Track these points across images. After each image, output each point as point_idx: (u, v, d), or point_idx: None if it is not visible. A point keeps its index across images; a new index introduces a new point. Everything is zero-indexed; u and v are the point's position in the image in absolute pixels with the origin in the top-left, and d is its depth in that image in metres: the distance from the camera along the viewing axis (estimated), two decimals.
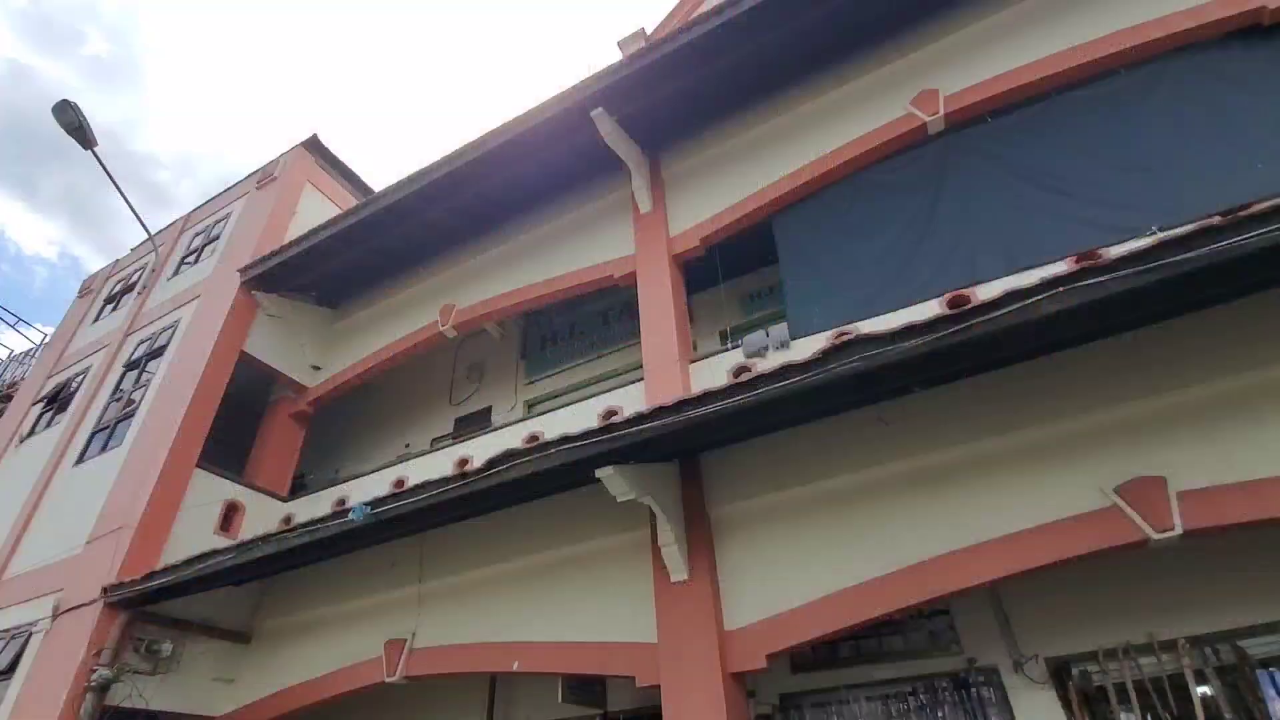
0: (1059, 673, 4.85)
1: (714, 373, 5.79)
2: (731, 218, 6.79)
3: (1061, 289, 3.38)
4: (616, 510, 5.13)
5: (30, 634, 7.13)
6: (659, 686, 4.81)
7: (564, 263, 7.89)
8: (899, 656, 5.53)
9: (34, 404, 11.13)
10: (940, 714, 5.19)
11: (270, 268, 9.24)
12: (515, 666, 5.66)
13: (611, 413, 5.94)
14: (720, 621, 4.87)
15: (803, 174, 6.58)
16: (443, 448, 7.99)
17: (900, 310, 5.25)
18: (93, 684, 6.23)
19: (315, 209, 10.72)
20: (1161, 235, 3.31)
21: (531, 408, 9.06)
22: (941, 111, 6.10)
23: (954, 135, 6.19)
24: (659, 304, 6.63)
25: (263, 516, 8.25)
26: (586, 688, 6.25)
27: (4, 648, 7.24)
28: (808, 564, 4.80)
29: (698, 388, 4.31)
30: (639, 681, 4.99)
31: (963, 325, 3.57)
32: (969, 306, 3.62)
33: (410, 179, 8.31)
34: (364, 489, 7.69)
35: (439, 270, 9.25)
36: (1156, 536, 3.80)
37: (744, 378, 4.05)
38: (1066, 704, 4.69)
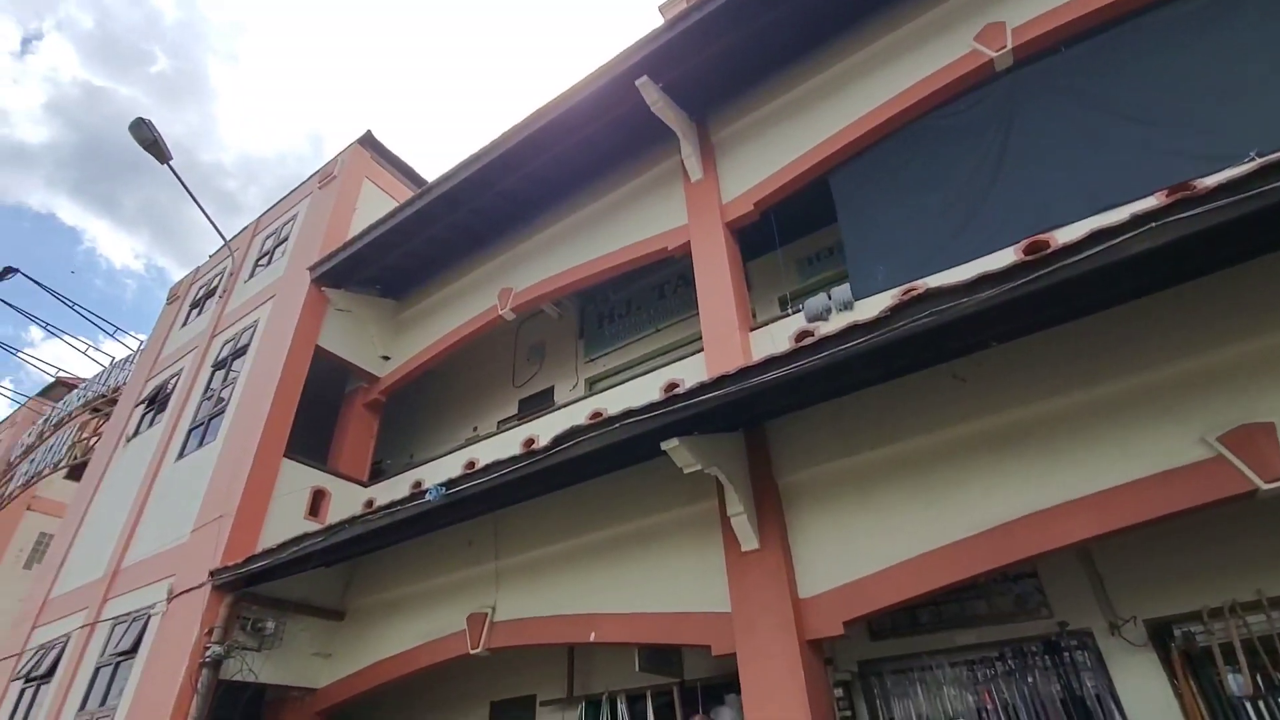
0: (1159, 634, 4.60)
1: (775, 340, 5.66)
2: (785, 179, 6.58)
3: (1153, 224, 3.12)
4: (684, 482, 5.13)
5: (149, 616, 7.77)
6: (735, 655, 4.83)
7: (617, 238, 7.86)
8: (983, 621, 5.36)
9: (136, 406, 12.00)
10: (1030, 679, 5.01)
11: (336, 264, 9.60)
12: (592, 637, 5.78)
13: (673, 385, 5.91)
14: (794, 589, 4.82)
15: (858, 126, 6.29)
16: (509, 429, 8.17)
17: (971, 262, 4.99)
18: (207, 660, 6.75)
19: (374, 204, 11.03)
20: (1263, 160, 2.99)
21: (593, 385, 9.14)
22: (1009, 45, 5.70)
23: (1022, 71, 5.78)
24: (715, 273, 6.53)
25: (347, 501, 8.67)
26: (663, 657, 6.34)
27: (128, 629, 7.92)
28: (883, 529, 4.68)
29: (759, 356, 4.22)
30: (714, 650, 5.02)
31: (1044, 271, 3.35)
32: (1049, 251, 3.39)
33: (460, 167, 8.43)
34: (437, 472, 7.95)
35: (495, 255, 9.38)
36: (1266, 486, 3.51)
37: (807, 342, 3.94)
38: (1168, 666, 4.45)
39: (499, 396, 10.23)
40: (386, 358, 10.21)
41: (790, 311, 6.03)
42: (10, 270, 15.30)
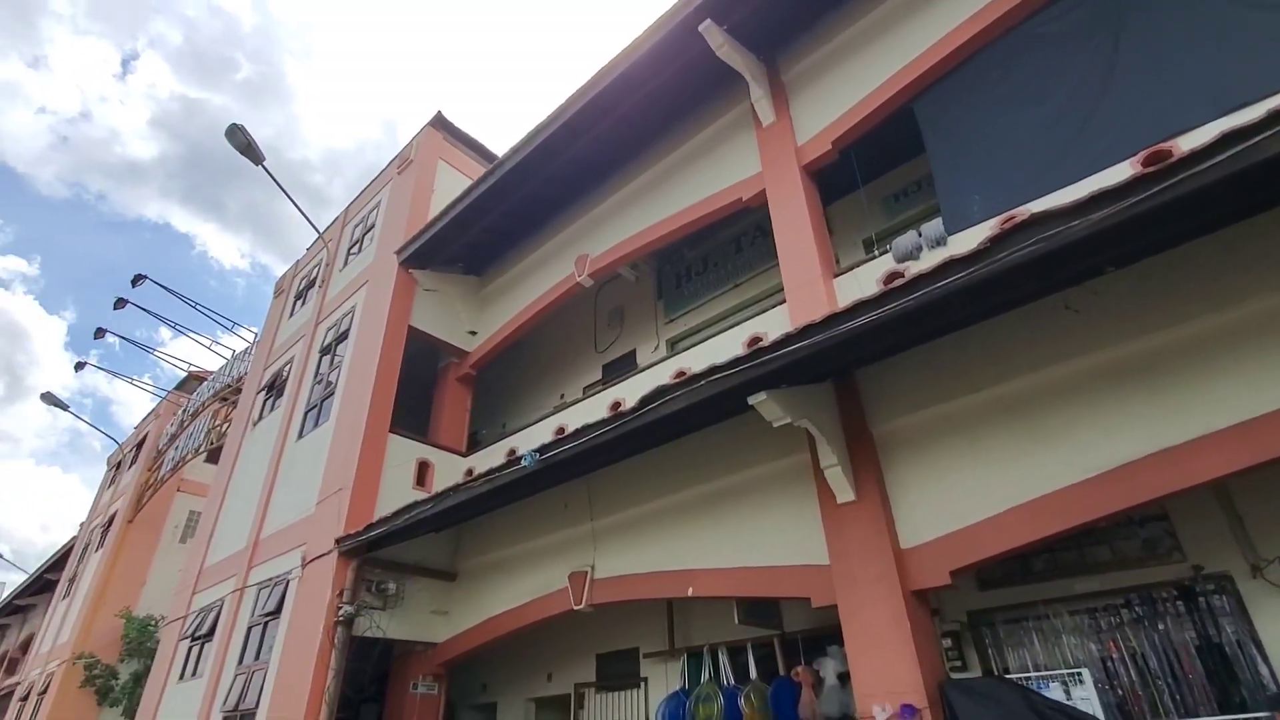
0: None
1: (861, 284, 5.41)
2: (864, 112, 6.18)
3: None
4: (774, 435, 5.05)
5: (288, 581, 8.56)
6: (836, 606, 4.78)
7: (689, 194, 7.69)
8: (1106, 568, 5.05)
9: (257, 393, 13.07)
10: (1161, 627, 4.71)
11: (419, 246, 9.96)
12: (690, 592, 5.88)
13: (756, 340, 5.78)
14: (895, 540, 4.70)
15: (944, 45, 5.78)
16: (594, 394, 8.31)
17: (1079, 183, 4.54)
18: (340, 618, 7.38)
19: (451, 183, 11.30)
20: None
21: (674, 346, 9.11)
22: None
23: None
24: (793, 220, 6.28)
25: (448, 471, 9.14)
26: (762, 610, 6.37)
27: (271, 593, 8.77)
28: (990, 475, 4.45)
29: (845, 302, 4.04)
30: (814, 602, 4.99)
31: (1168, 184, 3.00)
32: (1172, 161, 3.03)
33: (528, 138, 8.46)
34: (529, 439, 8.22)
35: (569, 222, 9.44)
36: None
37: (898, 283, 3.73)
38: None
39: (583, 363, 10.41)
40: (473, 333, 10.57)
41: (877, 253, 5.73)
42: (140, 278, 16.86)
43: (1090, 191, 3.15)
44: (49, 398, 18.41)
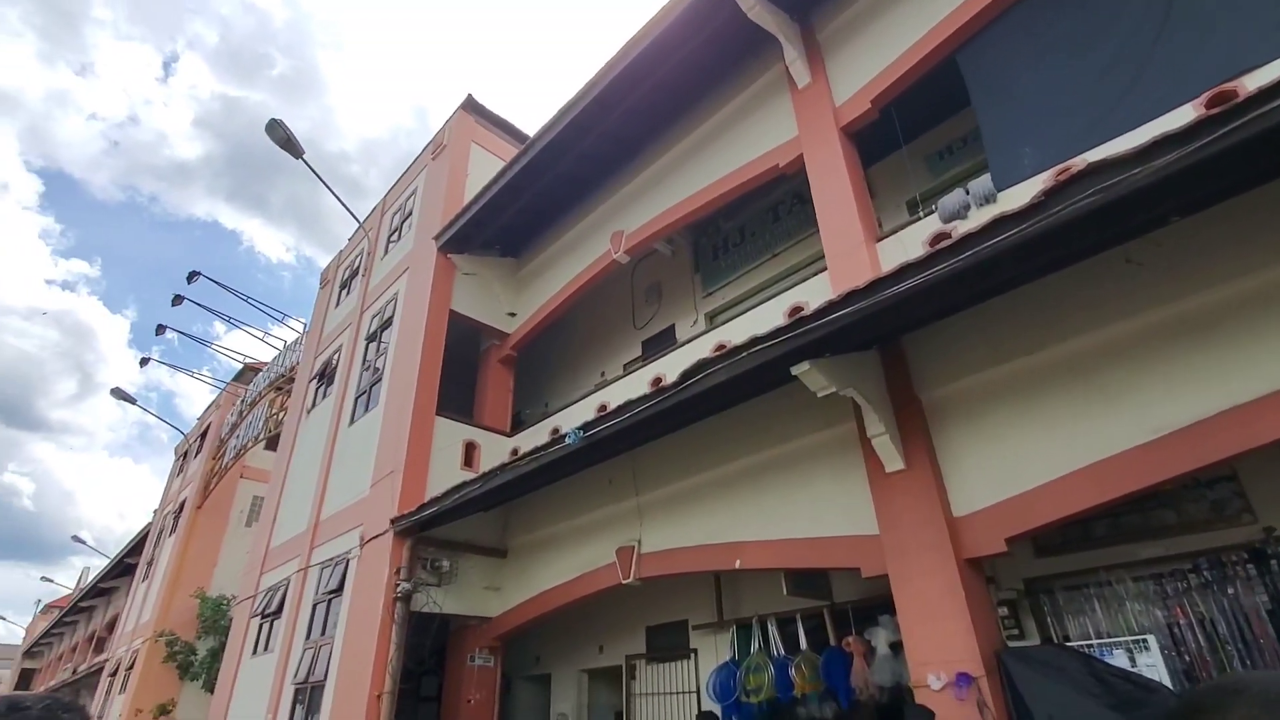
0: None
1: (906, 247, 5.25)
2: (905, 67, 5.93)
3: None
4: (819, 406, 4.99)
5: (348, 560, 8.90)
6: (887, 576, 4.73)
7: (724, 163, 7.55)
8: (1172, 531, 4.86)
9: (309, 381, 13.50)
10: (1230, 591, 4.51)
11: (456, 231, 10.05)
12: (737, 565, 5.90)
13: (797, 310, 5.69)
14: (947, 508, 4.61)
15: None
16: (634, 370, 8.32)
17: (1138, 129, 4.29)
18: (398, 594, 7.65)
19: (484, 166, 11.34)
20: None
21: (713, 319, 9.04)
22: None
23: None
24: (833, 184, 6.11)
25: (494, 451, 9.31)
26: (810, 581, 6.35)
27: (333, 572, 9.13)
28: (1047, 439, 4.31)
29: (889, 267, 3.92)
30: (864, 572, 4.95)
31: (1236, 124, 2.80)
32: (1239, 100, 2.83)
33: (559, 115, 8.41)
34: (571, 418, 8.30)
35: (603, 199, 9.39)
36: None
37: (945, 244, 3.60)
38: None
39: (622, 340, 10.42)
40: (513, 314, 10.68)
41: (921, 214, 5.54)
42: (195, 274, 17.51)
43: (1152, 137, 2.97)
44: (118, 392, 19.39)
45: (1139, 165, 2.95)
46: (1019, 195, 4.50)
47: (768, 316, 6.13)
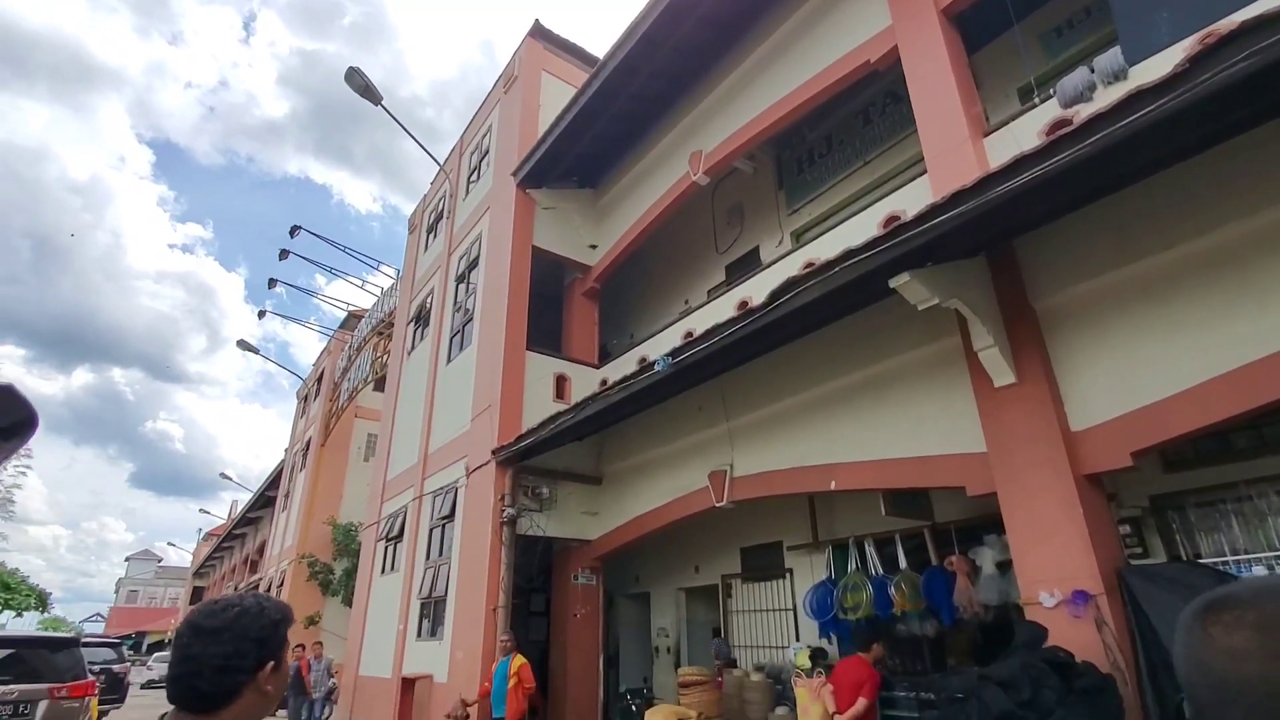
0: None
1: (1019, 139, 4.72)
2: None
3: None
4: (920, 319, 4.73)
5: (456, 489, 9.50)
6: (994, 495, 4.53)
7: (807, 66, 7.01)
8: None
9: (407, 324, 14.18)
10: None
11: (533, 165, 10.01)
12: (832, 486, 5.83)
13: (893, 219, 5.32)
14: (1064, 422, 4.31)
15: None
16: (719, 295, 8.15)
17: None
18: (504, 519, 8.13)
19: (556, 95, 11.13)
20: None
21: (799, 238, 8.66)
22: None
23: None
24: (932, 76, 5.55)
25: (584, 383, 9.52)
26: (911, 501, 6.20)
27: (444, 500, 9.80)
28: (1183, 344, 3.89)
29: (997, 163, 3.54)
30: (970, 491, 4.76)
31: None
32: None
33: (629, 31, 8.05)
34: (658, 346, 8.30)
35: (679, 118, 9.02)
36: None
37: (1067, 130, 3.20)
38: None
39: (704, 267, 10.22)
40: (594, 246, 10.65)
41: (1037, 100, 4.96)
42: (296, 228, 18.51)
43: None
44: (243, 344, 21.15)
45: None
46: (1154, 68, 3.92)
47: (860, 229, 5.78)
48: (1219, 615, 0.65)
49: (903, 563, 6.25)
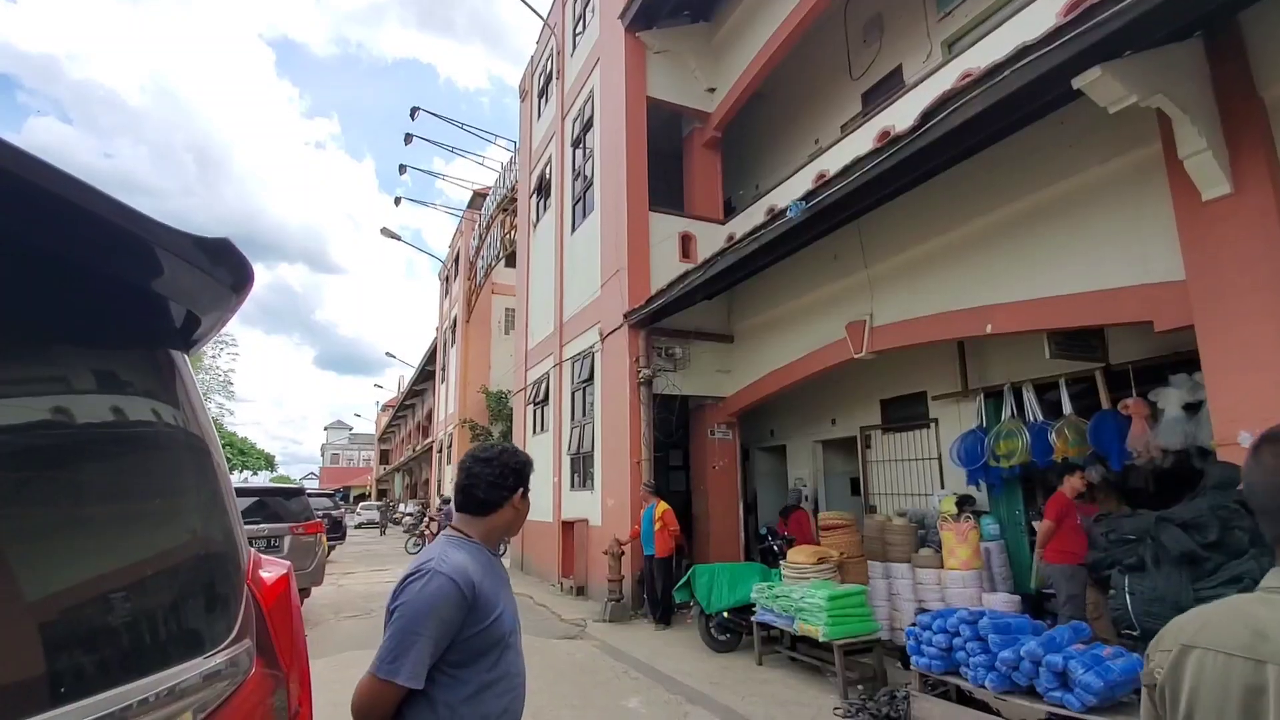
0: None
1: None
2: None
3: None
4: (1103, 128, 4.01)
5: (593, 354, 9.91)
6: (1187, 329, 3.95)
7: None
8: None
9: (530, 196, 14.35)
10: None
11: (641, 2, 9.21)
12: (988, 330, 5.38)
13: (1075, 5, 4.37)
14: None
15: None
16: (855, 129, 7.37)
17: None
18: (640, 380, 8.43)
19: None
20: None
21: (952, 47, 7.46)
22: None
23: None
24: None
25: (709, 240, 9.26)
26: (1080, 341, 5.62)
27: (582, 364, 10.30)
28: None
29: None
30: (1157, 326, 4.19)
31: None
32: None
33: None
34: (786, 194, 7.77)
35: None
36: None
37: None
38: None
39: (836, 98, 9.22)
40: (712, 90, 9.90)
41: None
42: (416, 110, 18.84)
43: None
44: (386, 232, 22.56)
45: None
46: None
47: (1031, 24, 4.83)
48: (1273, 445, 0.96)
49: (1067, 408, 5.79)
